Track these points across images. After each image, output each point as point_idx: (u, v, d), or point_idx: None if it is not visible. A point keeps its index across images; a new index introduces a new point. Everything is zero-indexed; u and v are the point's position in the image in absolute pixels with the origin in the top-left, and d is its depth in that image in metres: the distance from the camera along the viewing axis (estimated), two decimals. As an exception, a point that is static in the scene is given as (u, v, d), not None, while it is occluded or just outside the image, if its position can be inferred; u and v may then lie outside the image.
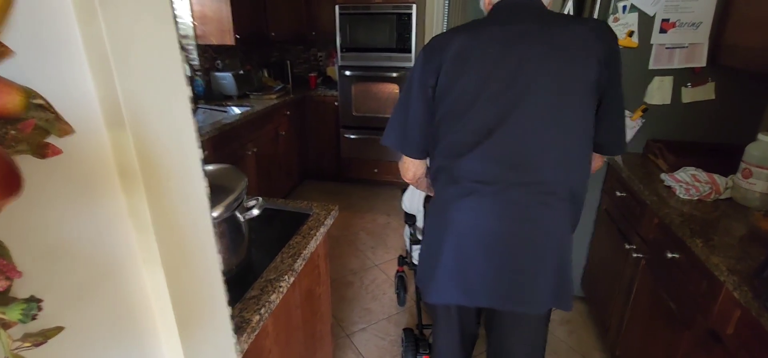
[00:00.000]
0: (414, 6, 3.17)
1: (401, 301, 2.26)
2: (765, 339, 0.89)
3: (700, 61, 1.73)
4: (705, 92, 1.78)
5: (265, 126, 3.03)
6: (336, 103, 3.60)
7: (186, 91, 0.58)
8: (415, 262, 1.88)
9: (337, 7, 3.30)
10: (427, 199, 1.63)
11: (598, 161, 1.13)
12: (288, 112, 3.36)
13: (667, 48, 1.76)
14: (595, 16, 1.82)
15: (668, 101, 1.82)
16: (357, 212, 3.33)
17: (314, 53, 4.15)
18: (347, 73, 3.46)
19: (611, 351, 1.76)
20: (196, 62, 3.14)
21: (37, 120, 0.40)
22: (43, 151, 0.40)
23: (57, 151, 0.41)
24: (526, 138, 0.96)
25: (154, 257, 0.56)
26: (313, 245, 1.15)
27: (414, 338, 1.80)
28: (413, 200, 1.88)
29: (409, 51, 3.31)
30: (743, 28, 1.54)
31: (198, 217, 0.66)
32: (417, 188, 1.41)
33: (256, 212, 0.96)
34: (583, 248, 2.14)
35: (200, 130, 2.34)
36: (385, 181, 3.77)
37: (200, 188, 0.66)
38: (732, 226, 1.23)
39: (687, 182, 1.44)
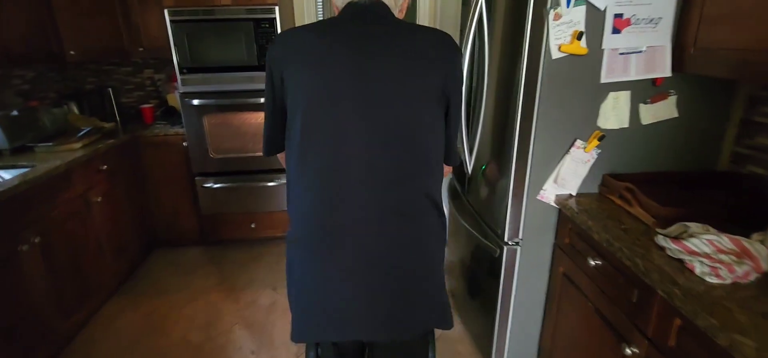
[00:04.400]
0: (276, 8, 2.39)
1: None
2: None
3: (663, 69, 1.31)
4: (666, 109, 1.38)
5: (60, 194, 1.94)
6: (185, 144, 2.62)
7: None
8: None
9: (166, 12, 2.34)
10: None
11: (447, 170, 1.13)
12: (105, 166, 2.29)
13: (621, 54, 1.31)
14: (530, 10, 1.30)
15: (626, 124, 1.38)
16: (230, 291, 2.42)
17: (149, 76, 3.07)
18: (195, 102, 2.51)
19: None
20: None
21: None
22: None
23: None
24: (374, 145, 0.91)
25: None
26: None
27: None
28: None
29: (278, 67, 2.52)
30: (715, 24, 1.14)
31: None
32: None
33: None
34: (536, 323, 1.64)
35: None
36: (266, 237, 2.90)
37: None
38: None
39: (708, 255, 0.97)
